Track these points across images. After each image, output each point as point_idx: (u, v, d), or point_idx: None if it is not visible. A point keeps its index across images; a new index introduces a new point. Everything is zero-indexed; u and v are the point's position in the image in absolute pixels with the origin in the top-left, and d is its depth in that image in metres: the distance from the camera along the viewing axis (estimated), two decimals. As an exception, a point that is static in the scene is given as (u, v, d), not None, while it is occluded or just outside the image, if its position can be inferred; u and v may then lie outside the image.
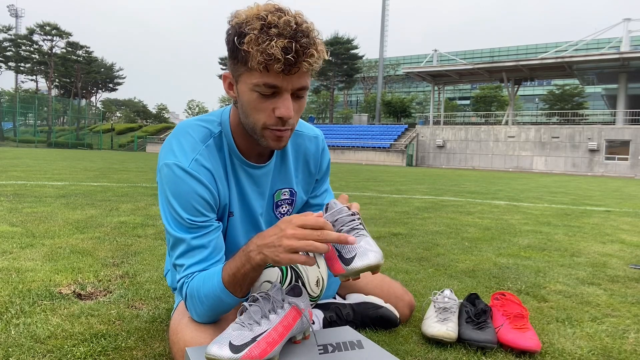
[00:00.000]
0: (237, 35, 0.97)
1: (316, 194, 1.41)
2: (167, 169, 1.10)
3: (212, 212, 1.13)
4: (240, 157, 1.19)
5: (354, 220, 1.06)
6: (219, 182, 1.16)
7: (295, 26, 0.94)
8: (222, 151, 1.17)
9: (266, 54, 0.93)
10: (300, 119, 1.25)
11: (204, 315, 1.13)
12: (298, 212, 1.39)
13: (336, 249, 1.04)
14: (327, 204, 1.14)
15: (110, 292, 1.83)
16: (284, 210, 1.33)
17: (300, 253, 0.97)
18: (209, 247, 1.11)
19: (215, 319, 1.16)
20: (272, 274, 1.27)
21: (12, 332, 1.39)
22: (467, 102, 62.47)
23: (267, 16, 0.94)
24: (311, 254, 1.01)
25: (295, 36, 0.94)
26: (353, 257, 1.00)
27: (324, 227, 0.97)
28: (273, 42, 0.92)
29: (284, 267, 1.19)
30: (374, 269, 0.99)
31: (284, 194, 1.31)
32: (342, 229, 1.05)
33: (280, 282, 1.19)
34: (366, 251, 1.01)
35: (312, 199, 1.41)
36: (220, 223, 1.17)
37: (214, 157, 1.15)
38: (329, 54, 1.03)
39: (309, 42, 0.95)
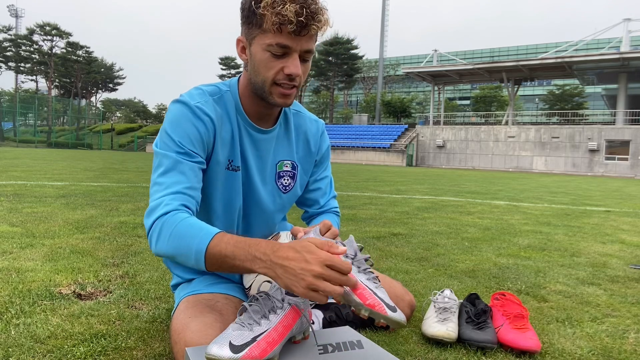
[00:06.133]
0: (253, 1, 1.08)
1: (316, 177, 1.47)
2: (172, 105, 1.21)
3: (201, 150, 1.19)
4: (245, 118, 1.27)
5: (369, 268, 1.10)
6: (219, 128, 1.22)
7: None
8: (226, 108, 1.26)
9: (280, 16, 1.05)
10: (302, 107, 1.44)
11: (161, 248, 1.07)
12: (298, 199, 1.47)
13: (370, 288, 1.04)
14: (337, 238, 1.18)
15: (110, 292, 1.83)
16: (286, 183, 1.39)
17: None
18: (192, 171, 1.15)
19: (165, 261, 1.11)
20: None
21: (12, 332, 1.39)
22: (467, 102, 62.45)
23: None
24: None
25: (306, 2, 1.06)
26: (395, 307, 1.03)
27: (349, 272, 0.93)
28: (287, 6, 1.04)
29: None
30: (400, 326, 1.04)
31: (286, 166, 1.38)
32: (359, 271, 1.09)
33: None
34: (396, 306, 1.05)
35: (311, 184, 1.47)
36: (204, 165, 1.21)
37: (219, 110, 1.24)
38: (330, 56, 1.10)
39: (317, 9, 1.09)
